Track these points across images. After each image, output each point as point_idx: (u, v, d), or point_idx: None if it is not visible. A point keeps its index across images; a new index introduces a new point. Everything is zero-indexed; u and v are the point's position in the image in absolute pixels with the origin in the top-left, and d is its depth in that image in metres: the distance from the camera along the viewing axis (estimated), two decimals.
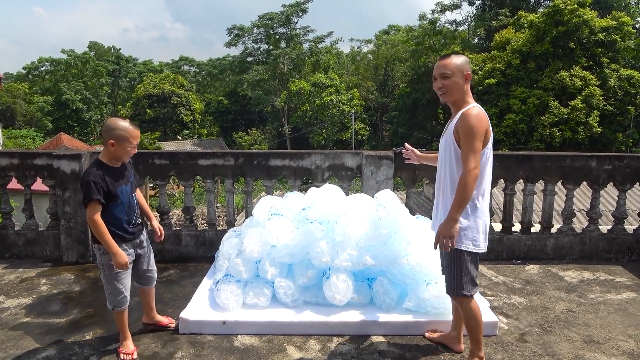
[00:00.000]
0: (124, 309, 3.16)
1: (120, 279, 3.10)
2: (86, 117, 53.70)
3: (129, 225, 3.11)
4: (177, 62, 71.21)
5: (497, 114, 31.10)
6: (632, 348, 3.26)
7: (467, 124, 2.68)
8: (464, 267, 2.83)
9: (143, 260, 3.32)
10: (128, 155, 3.06)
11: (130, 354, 3.13)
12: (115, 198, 3.01)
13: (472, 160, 2.64)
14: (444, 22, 44.27)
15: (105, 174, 2.98)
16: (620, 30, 29.93)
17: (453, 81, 2.79)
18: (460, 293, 2.84)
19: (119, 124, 3.00)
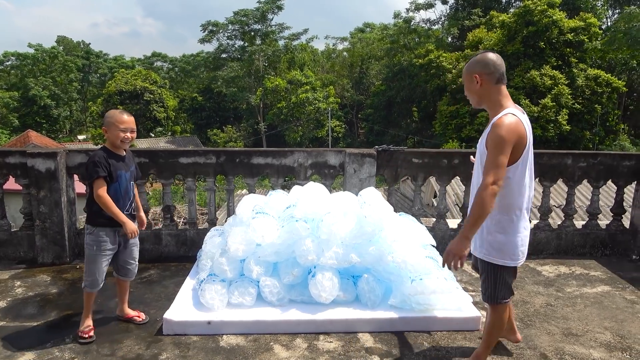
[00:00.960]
0: (93, 291, 3.36)
1: (99, 261, 3.30)
2: (55, 114, 52.21)
3: (122, 209, 3.29)
4: (149, 57, 69.84)
5: (470, 111, 31.64)
6: (609, 340, 3.37)
7: (495, 135, 2.50)
8: (501, 279, 2.73)
9: (126, 250, 3.46)
10: (120, 139, 3.26)
11: (87, 333, 3.31)
12: (114, 179, 3.25)
13: (492, 174, 2.45)
14: (418, 21, 44.83)
15: (108, 157, 3.26)
16: (588, 31, 30.87)
17: (467, 88, 2.70)
18: (496, 302, 2.76)
19: (110, 112, 3.31)
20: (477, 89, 2.63)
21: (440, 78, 35.75)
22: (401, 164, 4.96)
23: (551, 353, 3.17)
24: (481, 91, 2.63)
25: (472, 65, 2.65)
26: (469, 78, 2.65)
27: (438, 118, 34.45)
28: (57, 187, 4.65)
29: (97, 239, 3.28)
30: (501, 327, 2.89)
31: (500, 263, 2.68)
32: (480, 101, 2.69)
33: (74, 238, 4.88)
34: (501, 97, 2.62)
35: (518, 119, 2.54)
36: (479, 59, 2.64)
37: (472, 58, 2.69)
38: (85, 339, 3.29)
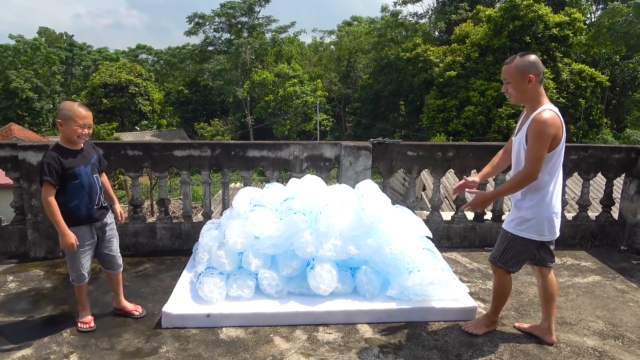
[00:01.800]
0: (82, 284, 3.36)
1: (79, 257, 3.26)
2: (37, 107, 51.23)
3: (91, 206, 3.23)
4: (134, 50, 68.91)
5: (457, 105, 31.90)
6: (602, 328, 3.45)
7: (536, 129, 2.78)
8: (522, 252, 3.07)
9: (104, 243, 3.41)
10: (76, 134, 3.11)
11: (88, 322, 3.35)
12: (74, 177, 3.13)
13: (533, 165, 2.80)
14: (405, 15, 44.95)
15: (62, 156, 3.10)
16: (573, 25, 31.24)
17: (513, 86, 2.90)
18: (495, 263, 3.15)
19: (66, 104, 3.12)
20: (528, 88, 2.87)
21: (427, 72, 35.92)
22: (396, 157, 4.99)
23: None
24: (531, 90, 2.88)
25: (526, 65, 2.85)
26: (522, 77, 2.85)
27: (425, 112, 34.63)
28: None
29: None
30: (507, 291, 3.25)
31: (526, 236, 3.01)
32: (524, 98, 2.93)
33: None
34: (541, 94, 2.91)
35: (555, 113, 2.83)
36: (530, 60, 2.86)
37: (521, 59, 2.88)
38: (85, 328, 3.32)
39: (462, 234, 5.17)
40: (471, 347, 3.15)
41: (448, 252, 4.95)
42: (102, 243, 3.40)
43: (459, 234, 5.18)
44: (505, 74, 2.93)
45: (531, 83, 2.85)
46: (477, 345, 3.17)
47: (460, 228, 5.17)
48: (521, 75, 2.86)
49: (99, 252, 3.42)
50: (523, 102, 2.97)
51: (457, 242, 5.18)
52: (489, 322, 3.34)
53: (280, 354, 3.05)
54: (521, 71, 2.86)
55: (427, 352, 3.08)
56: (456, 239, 5.18)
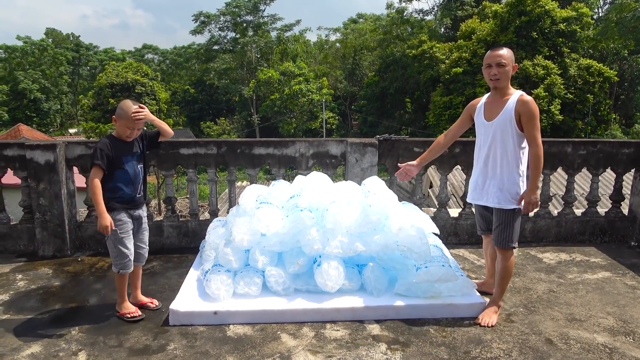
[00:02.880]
0: (128, 271, 3.46)
1: (125, 242, 3.39)
2: (45, 107, 51.61)
3: (132, 194, 3.41)
4: (140, 50, 69.18)
5: (463, 102, 31.66)
6: (612, 324, 3.42)
7: (529, 108, 3.19)
8: (515, 223, 3.38)
9: (137, 235, 3.55)
10: (126, 134, 3.36)
11: (134, 312, 3.46)
12: (121, 165, 3.34)
13: (539, 137, 3.19)
14: (411, 12, 44.75)
15: (113, 145, 3.34)
16: (580, 20, 30.95)
17: (506, 70, 3.26)
18: (509, 246, 3.38)
19: (126, 104, 3.35)
20: (510, 74, 3.30)
21: (433, 69, 35.76)
22: (402, 153, 4.97)
23: (556, 338, 3.21)
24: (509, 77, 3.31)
25: (513, 55, 3.33)
26: (511, 64, 3.28)
27: (431, 109, 34.48)
28: (57, 179, 4.61)
29: (116, 222, 3.34)
30: (511, 270, 3.48)
31: (517, 207, 3.33)
32: (505, 83, 3.31)
33: (74, 230, 4.85)
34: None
35: None
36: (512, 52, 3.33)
37: (507, 49, 3.31)
38: (136, 317, 3.44)
39: (469, 230, 5.14)
40: (480, 344, 3.13)
41: (456, 249, 4.92)
42: (137, 234, 3.55)
43: (467, 230, 5.14)
44: (501, 58, 3.26)
45: (514, 71, 3.31)
46: (485, 342, 3.15)
47: (468, 225, 5.14)
48: (512, 62, 3.29)
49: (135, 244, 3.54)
50: (502, 88, 3.32)
51: (465, 239, 5.15)
52: (497, 309, 3.47)
53: (287, 351, 3.05)
54: (513, 59, 3.30)
55: (435, 349, 3.07)
56: (464, 235, 5.15)
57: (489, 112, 3.38)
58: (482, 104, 3.46)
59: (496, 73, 3.26)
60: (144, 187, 3.55)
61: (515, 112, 3.22)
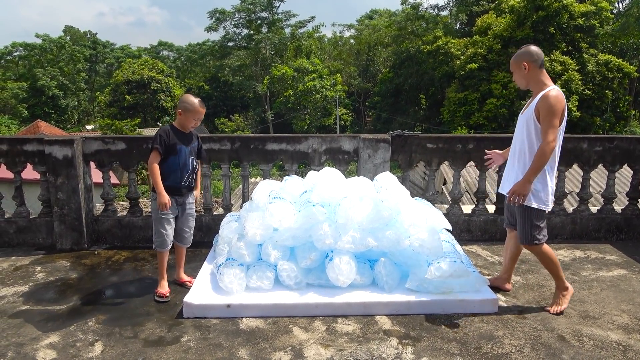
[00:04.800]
0: (164, 250, 3.78)
1: (163, 224, 3.71)
2: (63, 104, 52.46)
3: (179, 180, 3.70)
4: (155, 47, 69.84)
5: (478, 98, 31.43)
6: (627, 322, 3.38)
7: (547, 103, 3.20)
8: (534, 221, 3.38)
9: (182, 219, 3.87)
10: (191, 124, 3.71)
11: (164, 294, 3.72)
12: (175, 152, 3.63)
13: (551, 134, 3.18)
14: (426, 7, 44.52)
15: (172, 133, 3.65)
16: (599, 15, 30.39)
17: (515, 75, 3.42)
18: (532, 242, 3.41)
19: (189, 99, 3.66)
20: (525, 74, 3.35)
21: (448, 65, 35.45)
22: (415, 149, 4.96)
23: (569, 335, 3.19)
24: (529, 75, 3.34)
25: (520, 55, 3.36)
26: (518, 66, 3.36)
27: (446, 105, 34.20)
28: (75, 174, 4.70)
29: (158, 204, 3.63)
30: (553, 259, 3.50)
31: (534, 206, 3.34)
32: (527, 83, 3.39)
33: (91, 224, 4.94)
34: (544, 78, 3.34)
35: (562, 94, 3.26)
36: (523, 51, 3.36)
37: (518, 52, 3.40)
38: (162, 299, 3.69)
39: (482, 227, 5.11)
40: (491, 340, 3.12)
41: (468, 245, 4.90)
42: (181, 219, 3.86)
43: (480, 227, 5.12)
44: (510, 65, 3.45)
45: (527, 69, 3.32)
46: (497, 338, 3.14)
47: (481, 221, 5.11)
48: (517, 64, 3.36)
49: (176, 226, 3.84)
50: (527, 87, 3.41)
51: (478, 235, 5.13)
52: (564, 292, 3.54)
53: (299, 344, 3.08)
54: (516, 61, 3.37)
55: (446, 344, 3.07)
56: (477, 232, 5.13)
57: (525, 106, 3.49)
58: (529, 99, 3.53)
59: (514, 80, 3.50)
60: (193, 177, 3.82)
61: (536, 107, 3.26)
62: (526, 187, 3.26)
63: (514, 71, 3.41)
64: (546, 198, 3.35)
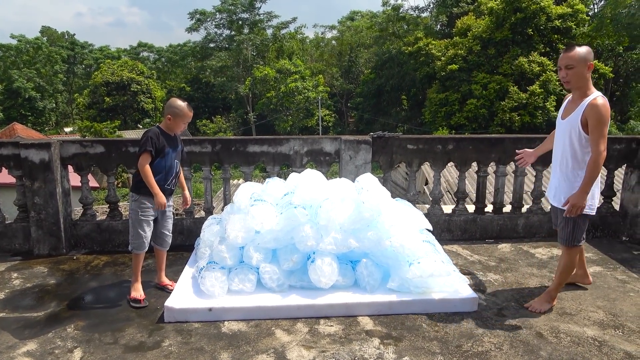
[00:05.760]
0: (140, 252, 3.75)
1: (143, 225, 3.69)
2: (40, 106, 51.39)
3: (164, 183, 3.68)
4: (135, 48, 68.89)
5: (459, 99, 31.78)
6: (602, 318, 3.46)
7: (597, 113, 3.15)
8: (579, 224, 3.43)
9: (162, 222, 3.87)
10: (180, 128, 3.74)
11: (140, 299, 3.67)
12: (162, 154, 3.64)
13: (602, 143, 3.16)
14: (406, 8, 44.86)
15: (161, 136, 3.66)
16: (575, 17, 31.02)
17: (575, 71, 3.22)
18: (569, 244, 3.47)
19: (178, 103, 3.67)
20: (584, 74, 3.23)
21: (429, 66, 35.79)
22: (396, 150, 5.00)
23: (547, 332, 3.25)
24: (587, 77, 3.25)
25: (587, 54, 3.21)
26: (584, 64, 3.21)
27: (427, 106, 34.53)
28: (52, 178, 4.62)
29: (140, 205, 3.67)
30: (572, 268, 3.60)
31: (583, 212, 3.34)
32: (581, 84, 3.27)
33: (69, 229, 4.86)
34: (590, 82, 3.32)
35: (606, 99, 3.24)
36: (588, 49, 3.23)
37: (580, 48, 3.23)
38: (139, 303, 3.64)
39: (462, 226, 5.18)
40: (471, 338, 3.17)
41: (449, 245, 4.96)
42: (161, 221, 3.85)
43: (460, 226, 5.19)
44: (569, 60, 3.22)
45: (589, 70, 3.23)
46: (477, 336, 3.19)
47: (461, 221, 5.18)
48: (584, 62, 3.20)
49: (156, 229, 3.84)
50: (578, 88, 3.28)
51: (458, 235, 5.20)
52: (551, 299, 3.60)
53: (281, 346, 3.08)
54: (585, 58, 3.20)
55: (427, 343, 3.11)
56: (457, 231, 5.19)
57: (566, 110, 3.42)
58: (566, 102, 3.49)
59: (565, 75, 3.27)
60: (176, 180, 3.84)
61: (583, 116, 3.21)
62: (583, 198, 3.25)
63: (576, 67, 3.21)
64: (592, 202, 3.38)
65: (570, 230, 3.43)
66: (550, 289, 3.62)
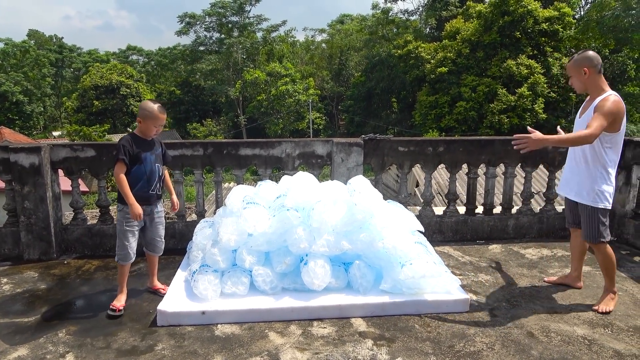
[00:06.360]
0: (126, 263, 3.65)
1: (127, 236, 3.60)
2: (28, 110, 50.88)
3: (147, 189, 3.60)
4: (124, 51, 68.58)
5: (449, 101, 32.00)
6: (591, 317, 3.51)
7: (604, 105, 3.29)
8: (601, 218, 3.48)
9: (151, 228, 3.79)
10: (152, 132, 3.60)
11: (118, 308, 3.56)
12: (140, 161, 3.54)
13: (597, 130, 3.21)
14: (396, 12, 45.04)
15: (134, 141, 3.55)
16: (562, 20, 31.41)
17: (575, 79, 3.48)
18: (598, 240, 3.51)
19: (148, 105, 3.56)
20: (585, 79, 3.42)
21: (419, 68, 36.00)
22: (388, 153, 5.03)
23: (537, 331, 3.29)
24: (588, 80, 3.42)
25: (581, 60, 3.41)
26: (578, 71, 3.42)
27: (417, 108, 34.72)
28: (42, 182, 4.59)
29: (125, 215, 3.57)
30: (612, 260, 3.60)
31: (601, 206, 3.46)
32: (585, 87, 3.46)
33: (60, 234, 4.82)
34: (602, 83, 3.43)
35: (619, 98, 3.36)
36: (584, 56, 3.42)
37: (577, 56, 3.45)
38: (114, 312, 3.53)
39: (454, 227, 5.22)
40: (463, 338, 3.19)
41: (440, 246, 5.00)
42: (151, 228, 3.78)
43: (451, 228, 5.23)
44: (567, 70, 3.52)
45: (587, 74, 3.38)
46: (469, 336, 3.22)
47: (452, 222, 5.22)
48: (577, 69, 3.42)
49: (146, 235, 3.79)
50: (586, 91, 3.48)
51: (449, 236, 5.24)
52: (612, 295, 3.64)
53: (275, 349, 3.08)
54: (575, 66, 3.43)
55: (420, 344, 3.13)
56: (448, 233, 5.23)
57: (582, 109, 3.59)
58: (585, 102, 3.60)
59: (571, 84, 3.56)
60: (161, 184, 3.76)
61: (594, 111, 3.33)
62: (540, 143, 3.26)
63: (573, 76, 3.47)
64: (610, 197, 3.47)
65: (595, 226, 3.50)
66: (606, 287, 3.67)
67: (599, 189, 3.44)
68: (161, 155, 3.77)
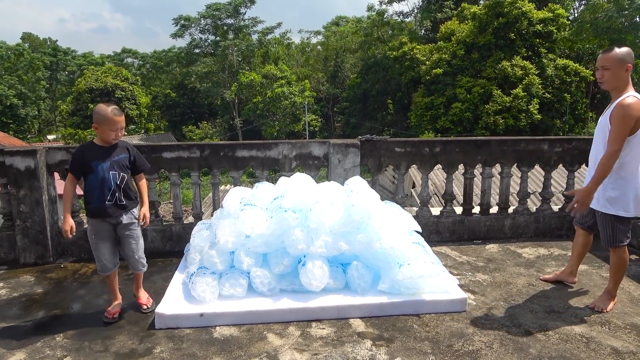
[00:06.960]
0: (106, 274, 3.56)
1: (98, 248, 3.49)
2: (22, 114, 50.65)
3: (102, 200, 3.36)
4: (119, 54, 68.41)
5: (444, 103, 32.08)
6: (589, 315, 3.52)
7: (619, 112, 3.17)
8: (617, 225, 3.41)
9: (122, 244, 3.56)
10: (110, 137, 3.37)
11: (113, 314, 3.51)
12: (91, 170, 3.35)
13: (616, 144, 3.15)
14: (391, 14, 45.17)
15: (86, 150, 3.41)
16: (556, 21, 31.58)
17: (611, 72, 3.26)
18: (615, 245, 3.46)
19: (101, 109, 3.34)
20: (621, 75, 3.25)
21: (414, 70, 36.09)
22: (384, 154, 5.04)
23: (535, 330, 3.30)
24: (623, 77, 3.26)
25: (625, 55, 3.24)
26: (621, 65, 3.23)
27: (413, 110, 34.79)
28: (38, 186, 4.57)
29: (90, 227, 3.49)
30: (624, 266, 3.56)
31: (612, 212, 3.38)
32: (614, 85, 3.30)
33: (56, 237, 4.80)
34: (629, 83, 3.31)
35: (637, 99, 3.19)
36: (627, 51, 3.25)
37: (619, 49, 3.25)
38: (108, 319, 3.49)
39: (451, 228, 5.24)
40: (462, 338, 3.20)
41: (438, 247, 5.01)
42: (122, 243, 3.55)
43: (448, 228, 5.24)
44: (605, 61, 3.27)
45: (627, 72, 3.25)
46: (467, 336, 3.23)
47: (449, 222, 5.23)
48: (621, 64, 3.23)
49: (122, 251, 3.59)
50: (614, 89, 3.30)
51: (447, 237, 5.25)
52: (611, 297, 3.61)
53: (274, 350, 3.08)
54: (622, 60, 3.23)
55: (418, 344, 3.13)
56: (445, 233, 5.24)
57: (604, 112, 3.45)
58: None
59: (601, 76, 3.32)
60: (122, 194, 3.41)
61: (611, 115, 3.25)
62: (589, 197, 3.28)
63: (612, 68, 3.25)
64: (626, 204, 3.33)
65: (610, 233, 3.45)
66: (608, 289, 3.63)
67: (610, 196, 3.36)
68: (126, 161, 3.46)
